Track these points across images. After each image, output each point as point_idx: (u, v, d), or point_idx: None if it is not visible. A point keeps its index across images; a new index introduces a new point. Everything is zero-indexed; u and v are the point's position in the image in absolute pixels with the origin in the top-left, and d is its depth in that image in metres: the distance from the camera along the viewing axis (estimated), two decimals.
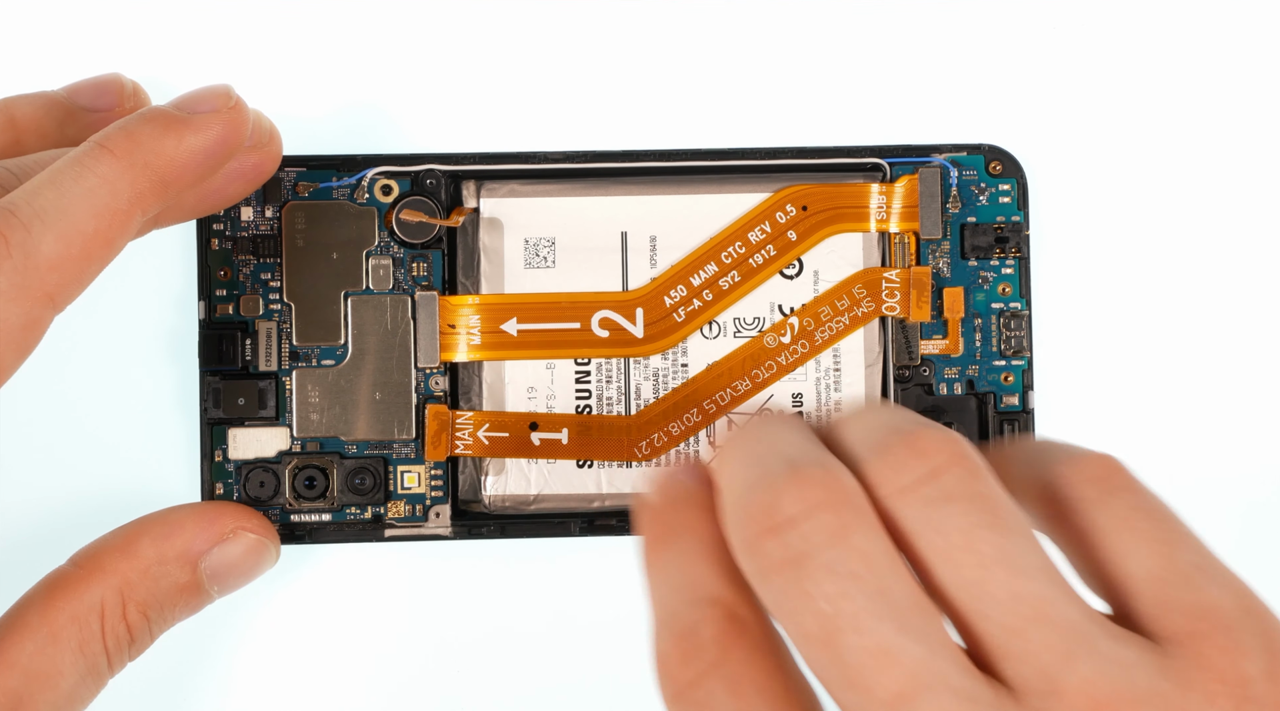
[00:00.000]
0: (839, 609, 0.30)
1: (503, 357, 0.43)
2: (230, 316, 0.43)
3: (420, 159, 0.43)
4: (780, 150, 0.44)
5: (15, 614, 0.39)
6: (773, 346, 0.43)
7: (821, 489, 0.32)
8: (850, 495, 0.32)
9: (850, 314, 0.43)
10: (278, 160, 0.42)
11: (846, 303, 0.43)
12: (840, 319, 0.43)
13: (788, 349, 0.43)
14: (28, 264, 0.35)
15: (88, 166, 0.37)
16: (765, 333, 0.43)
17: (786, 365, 0.43)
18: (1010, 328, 0.43)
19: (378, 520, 0.43)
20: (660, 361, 0.43)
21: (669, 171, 0.44)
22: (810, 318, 0.43)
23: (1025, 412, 0.43)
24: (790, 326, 0.43)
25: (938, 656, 0.30)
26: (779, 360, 0.43)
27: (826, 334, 0.43)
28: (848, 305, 0.43)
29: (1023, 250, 0.43)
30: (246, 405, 0.43)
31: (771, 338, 0.43)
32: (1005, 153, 0.44)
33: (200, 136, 0.38)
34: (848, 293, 0.43)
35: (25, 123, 0.41)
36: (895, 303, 0.43)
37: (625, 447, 0.43)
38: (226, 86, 0.39)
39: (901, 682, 0.30)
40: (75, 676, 0.38)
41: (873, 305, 0.43)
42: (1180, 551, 0.32)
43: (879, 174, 0.44)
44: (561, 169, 0.43)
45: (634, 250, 0.43)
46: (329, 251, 0.43)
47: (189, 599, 0.40)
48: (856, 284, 0.43)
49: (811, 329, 0.43)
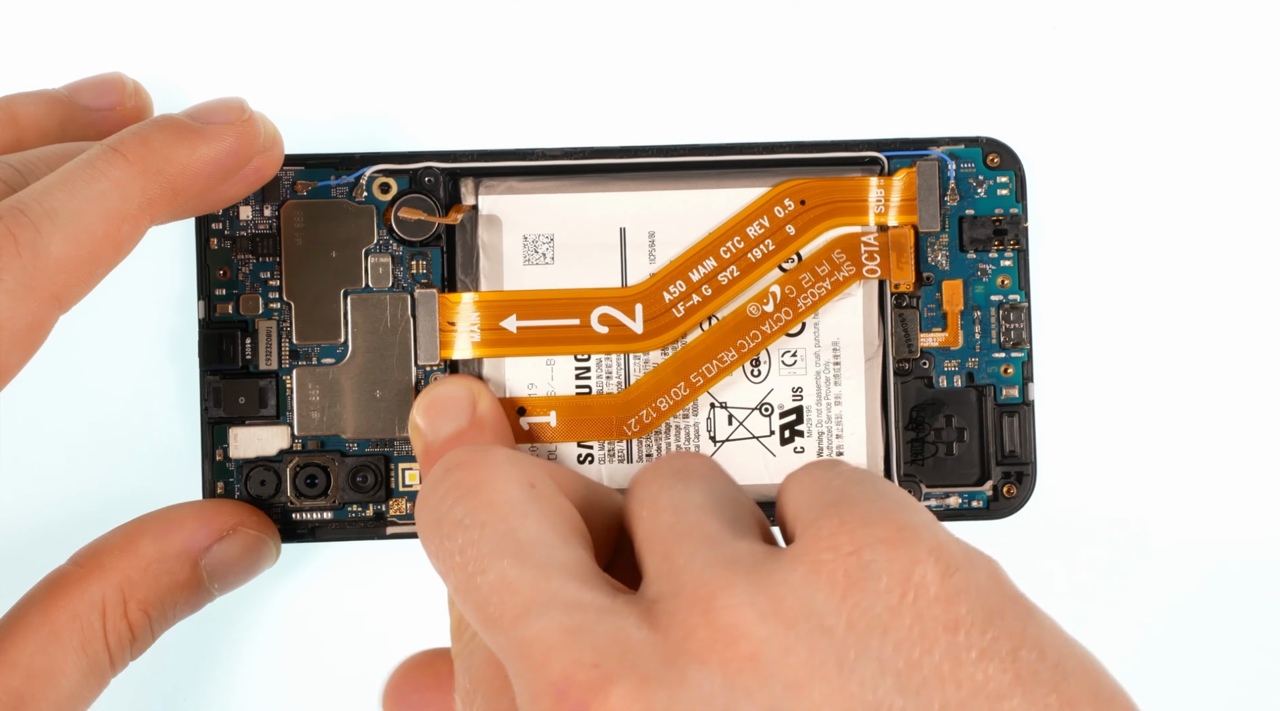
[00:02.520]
0: (468, 555, 0.32)
1: (502, 354, 0.43)
2: (230, 315, 0.43)
3: (418, 157, 0.43)
4: (778, 145, 0.44)
5: (16, 613, 0.39)
6: (756, 316, 0.43)
7: (464, 453, 0.34)
8: (494, 454, 0.34)
9: (831, 278, 0.43)
10: (279, 163, 0.42)
11: (826, 268, 0.43)
12: (822, 284, 0.43)
13: (771, 317, 0.43)
14: (36, 263, 0.35)
15: (100, 169, 0.37)
16: (748, 302, 0.43)
17: (771, 334, 0.43)
18: (1009, 320, 0.43)
19: (379, 518, 0.43)
20: (660, 357, 0.43)
21: (667, 167, 0.44)
22: (792, 285, 0.43)
23: (1025, 405, 0.43)
24: (772, 295, 0.43)
25: (553, 578, 0.31)
26: (763, 329, 0.43)
27: (809, 300, 0.43)
28: (828, 270, 0.43)
29: (1021, 242, 0.43)
30: (247, 404, 0.43)
31: (754, 307, 0.43)
32: (1003, 145, 0.44)
33: (213, 147, 0.38)
34: (827, 258, 0.43)
35: (27, 121, 0.42)
36: (875, 266, 0.43)
37: (614, 426, 0.43)
38: (241, 99, 0.39)
39: (518, 606, 0.31)
40: (77, 675, 0.38)
41: (853, 269, 0.43)
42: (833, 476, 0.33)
43: (877, 167, 0.44)
44: (560, 165, 0.43)
45: (633, 246, 0.43)
46: (328, 250, 0.43)
47: (190, 596, 0.40)
48: (835, 249, 0.43)
49: (794, 296, 0.43)
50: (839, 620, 0.29)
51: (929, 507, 0.43)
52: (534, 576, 0.31)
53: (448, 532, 0.33)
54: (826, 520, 0.31)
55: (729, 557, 0.31)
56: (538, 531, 0.32)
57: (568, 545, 0.32)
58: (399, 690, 0.38)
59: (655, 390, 0.43)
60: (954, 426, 0.44)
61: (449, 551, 0.32)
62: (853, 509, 0.31)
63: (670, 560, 0.31)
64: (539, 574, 0.31)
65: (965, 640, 0.29)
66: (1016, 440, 0.43)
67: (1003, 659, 0.29)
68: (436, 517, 0.33)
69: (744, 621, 0.29)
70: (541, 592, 0.31)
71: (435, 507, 0.33)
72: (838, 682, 0.29)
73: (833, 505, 0.31)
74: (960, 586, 0.30)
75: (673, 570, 0.31)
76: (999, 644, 0.29)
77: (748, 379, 0.44)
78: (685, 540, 0.32)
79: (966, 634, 0.29)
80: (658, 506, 0.33)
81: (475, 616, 0.32)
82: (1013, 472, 0.44)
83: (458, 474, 0.33)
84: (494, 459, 0.34)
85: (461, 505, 0.33)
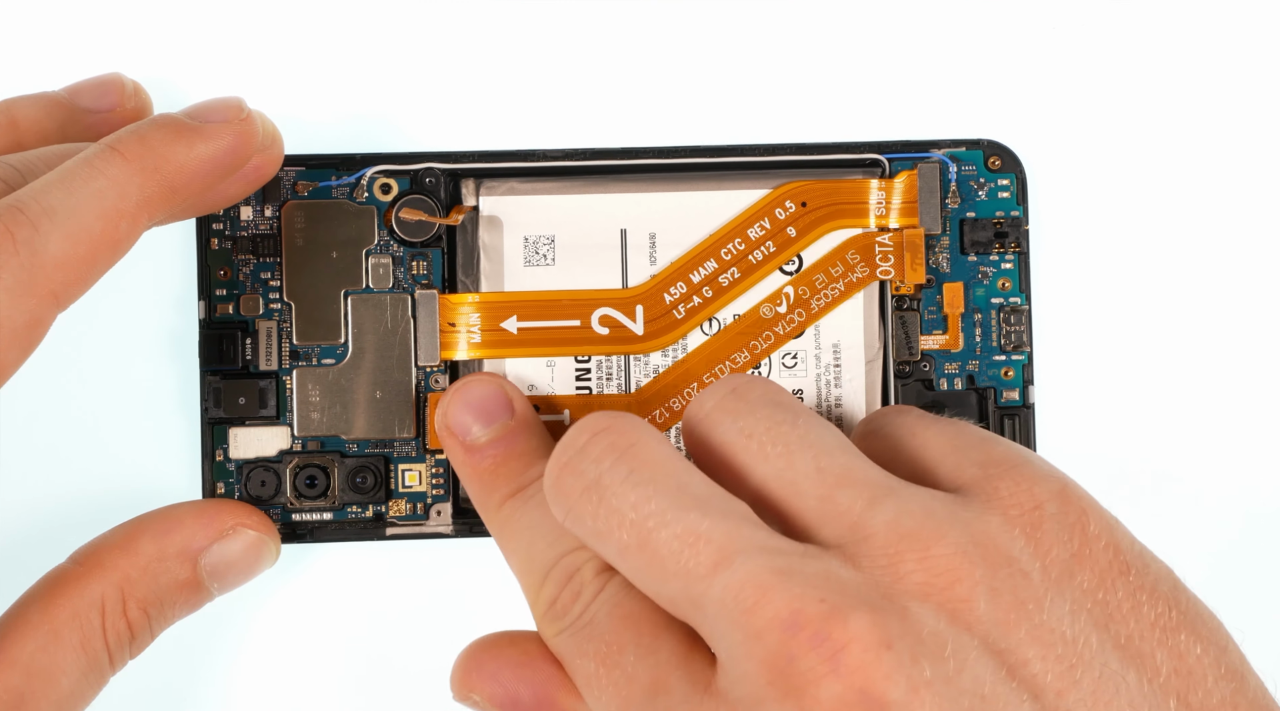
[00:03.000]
0: (644, 512, 0.33)
1: (503, 355, 0.43)
2: (230, 316, 0.43)
3: (419, 157, 0.43)
4: (779, 147, 0.44)
5: (17, 612, 0.39)
6: (769, 317, 0.43)
7: (603, 418, 0.35)
8: (630, 418, 0.35)
9: (845, 280, 0.43)
10: (279, 162, 0.42)
11: (841, 269, 0.43)
12: (835, 285, 0.43)
13: (784, 318, 0.43)
14: (34, 262, 0.35)
15: (98, 168, 0.37)
16: (761, 303, 0.43)
17: (784, 335, 0.43)
18: (1010, 322, 0.43)
19: (379, 518, 0.43)
20: (660, 358, 0.43)
21: (668, 168, 0.44)
22: (805, 286, 0.43)
23: (1025, 407, 0.43)
24: (785, 296, 0.43)
25: (743, 527, 0.33)
26: (776, 330, 0.43)
27: (822, 301, 0.43)
28: (842, 271, 0.43)
29: (1022, 245, 0.43)
30: (247, 404, 0.43)
31: (768, 308, 0.43)
32: (1004, 148, 0.44)
33: (210, 145, 0.38)
34: (841, 259, 0.43)
35: (27, 124, 0.42)
36: (889, 267, 0.43)
37: None
38: (239, 98, 0.40)
39: (715, 554, 0.32)
40: (77, 673, 0.38)
41: (867, 270, 0.43)
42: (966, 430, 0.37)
43: (878, 170, 0.44)
44: (561, 167, 0.43)
45: (633, 247, 0.43)
46: (329, 250, 0.43)
47: (189, 596, 0.40)
48: (850, 249, 0.43)
49: (807, 297, 0.43)
50: (1034, 565, 0.32)
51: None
52: (726, 526, 0.32)
53: (616, 491, 0.34)
54: (1000, 480, 0.34)
55: (922, 507, 0.33)
56: (706, 486, 0.34)
57: (734, 498, 0.34)
58: (483, 666, 0.37)
59: (669, 390, 0.43)
60: None
61: (617, 509, 0.34)
62: (1019, 468, 0.34)
63: (836, 502, 0.33)
64: (729, 523, 0.33)
65: (1137, 581, 0.33)
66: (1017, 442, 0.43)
67: (1167, 598, 0.33)
68: (594, 478, 0.34)
69: (959, 566, 0.32)
70: (738, 540, 0.32)
71: (591, 470, 0.34)
72: (1040, 619, 0.32)
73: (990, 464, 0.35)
74: (1120, 537, 0.34)
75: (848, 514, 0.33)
76: (1160, 586, 0.33)
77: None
78: (848, 484, 0.34)
79: (1137, 576, 0.33)
80: (788, 444, 0.35)
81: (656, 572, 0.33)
82: None
83: (607, 437, 0.35)
84: (634, 421, 0.35)
85: (624, 464, 0.34)
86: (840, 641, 0.31)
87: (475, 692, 0.37)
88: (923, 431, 0.37)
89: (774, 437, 0.35)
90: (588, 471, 0.34)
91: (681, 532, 0.33)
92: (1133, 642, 0.32)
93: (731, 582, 0.32)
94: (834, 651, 0.31)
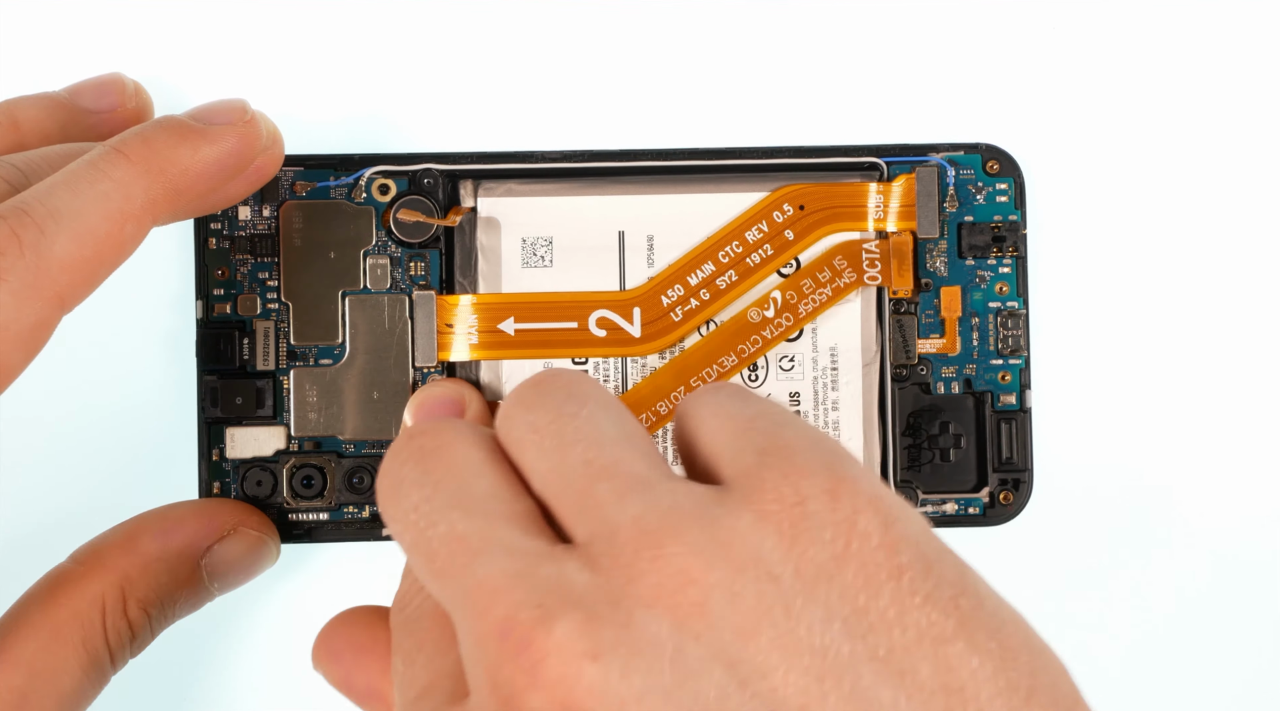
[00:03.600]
0: (421, 513, 0.31)
1: (500, 357, 0.43)
2: (228, 316, 0.43)
3: (418, 158, 0.43)
4: (777, 149, 0.44)
5: (18, 611, 0.39)
6: (757, 321, 0.43)
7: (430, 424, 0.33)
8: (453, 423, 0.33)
9: (832, 285, 0.43)
10: (279, 163, 0.42)
11: (828, 274, 0.43)
12: (823, 290, 0.43)
13: (772, 323, 0.43)
14: (40, 264, 0.35)
15: (103, 170, 0.37)
16: (749, 307, 0.43)
17: (771, 339, 0.43)
18: (1007, 327, 0.44)
19: (376, 519, 0.43)
20: (658, 361, 0.43)
21: (666, 171, 0.44)
22: (793, 291, 0.43)
23: (1023, 412, 0.44)
24: (773, 300, 0.43)
25: (497, 527, 0.30)
26: (764, 334, 0.43)
27: (810, 306, 0.43)
28: (829, 276, 0.43)
29: (1020, 249, 0.44)
30: (244, 404, 0.43)
31: (755, 312, 0.43)
32: (1002, 152, 0.44)
33: (215, 147, 0.38)
34: (829, 264, 0.43)
35: (28, 125, 0.42)
36: (876, 272, 0.43)
37: None
38: (243, 100, 0.40)
39: (465, 555, 0.30)
40: (79, 672, 0.38)
41: (854, 275, 0.43)
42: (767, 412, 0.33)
43: (876, 173, 0.44)
44: (559, 168, 0.44)
45: (631, 249, 0.44)
46: (326, 251, 0.43)
47: (189, 595, 0.40)
48: (837, 255, 0.43)
49: (795, 302, 0.43)
50: (786, 568, 0.29)
51: (925, 514, 0.43)
52: (481, 526, 0.31)
53: (405, 492, 0.32)
54: (767, 470, 0.30)
55: (670, 501, 0.30)
56: (491, 486, 0.32)
57: (520, 498, 0.32)
58: (332, 643, 0.37)
59: (657, 393, 0.43)
60: (951, 433, 0.44)
61: (404, 510, 0.32)
62: (791, 458, 0.30)
63: (593, 498, 0.31)
64: (486, 523, 0.31)
65: (909, 586, 0.29)
66: (1013, 447, 0.44)
67: (945, 604, 0.29)
68: (396, 481, 0.33)
69: (693, 567, 0.29)
70: (487, 541, 0.30)
71: (395, 472, 0.33)
72: (785, 627, 0.29)
73: (769, 452, 0.31)
74: (901, 535, 0.30)
75: (600, 510, 0.30)
76: (941, 590, 0.29)
77: (745, 384, 0.44)
78: (609, 477, 0.31)
79: (910, 580, 0.29)
80: (563, 437, 0.32)
81: (426, 570, 0.31)
82: (1009, 479, 0.44)
83: (419, 440, 0.33)
84: (456, 426, 0.33)
85: (420, 466, 0.32)
86: (541, 652, 0.28)
87: (319, 668, 0.37)
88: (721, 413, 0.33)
89: (554, 431, 0.32)
90: (394, 472, 0.33)
91: (444, 532, 0.31)
92: (894, 655, 0.29)
93: (469, 585, 0.30)
94: (534, 662, 0.28)
